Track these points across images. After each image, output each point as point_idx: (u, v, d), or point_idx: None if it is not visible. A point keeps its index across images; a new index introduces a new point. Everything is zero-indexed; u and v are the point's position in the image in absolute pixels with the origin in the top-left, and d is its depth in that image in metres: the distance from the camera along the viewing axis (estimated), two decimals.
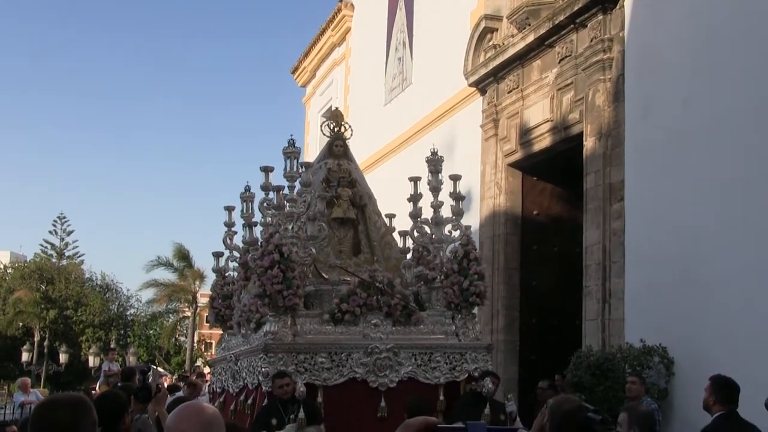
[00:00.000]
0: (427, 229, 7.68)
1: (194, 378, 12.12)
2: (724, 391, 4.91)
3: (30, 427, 2.36)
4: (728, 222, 7.67)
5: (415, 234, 7.77)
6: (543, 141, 10.92)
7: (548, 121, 10.70)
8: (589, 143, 9.70)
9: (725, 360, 6.90)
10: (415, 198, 7.88)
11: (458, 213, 7.52)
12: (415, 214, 7.83)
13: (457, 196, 7.53)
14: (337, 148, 7.91)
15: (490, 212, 11.93)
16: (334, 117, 8.09)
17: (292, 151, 7.02)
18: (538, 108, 10.96)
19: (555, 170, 11.38)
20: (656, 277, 8.44)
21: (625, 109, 9.23)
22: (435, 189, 7.60)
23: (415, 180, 7.91)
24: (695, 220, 8.05)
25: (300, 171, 7.11)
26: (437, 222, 7.57)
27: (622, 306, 8.90)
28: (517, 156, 11.54)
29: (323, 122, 8.15)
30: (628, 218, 9.00)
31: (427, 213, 7.75)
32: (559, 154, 10.82)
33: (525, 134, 11.23)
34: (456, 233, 7.45)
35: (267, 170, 7.26)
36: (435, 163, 7.63)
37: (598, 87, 9.58)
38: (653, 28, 9.01)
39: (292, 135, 7.10)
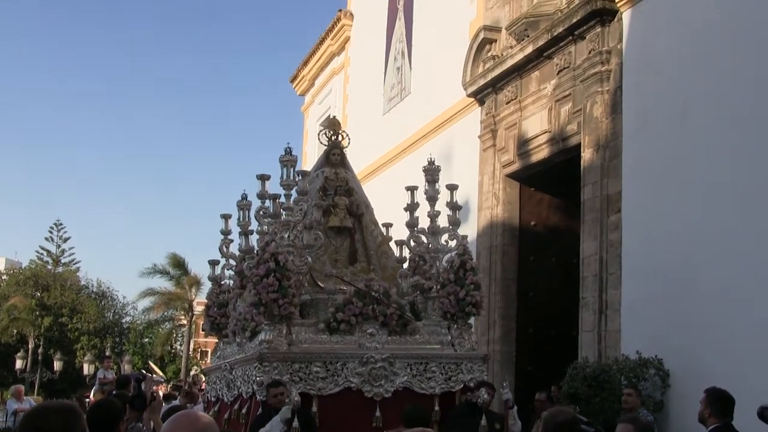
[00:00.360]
0: (424, 239, 7.67)
1: (187, 386, 12.07)
2: (719, 403, 4.92)
3: None
4: (725, 234, 7.67)
5: (412, 243, 7.75)
6: (541, 152, 10.93)
7: (546, 132, 10.72)
8: (586, 154, 9.72)
9: (721, 372, 6.90)
10: (411, 207, 7.86)
11: (455, 222, 7.51)
12: (412, 224, 7.81)
13: (453, 206, 7.51)
14: (334, 156, 7.91)
15: (487, 222, 11.93)
16: (332, 125, 8.10)
17: (288, 160, 7.00)
18: (536, 119, 10.98)
19: (553, 181, 11.39)
20: (653, 289, 8.44)
21: (622, 120, 9.25)
22: (431, 198, 7.58)
23: (411, 189, 7.90)
24: (692, 232, 8.06)
25: (297, 179, 7.11)
26: (434, 231, 7.56)
27: (619, 318, 8.88)
28: (515, 166, 11.55)
29: (320, 131, 8.15)
30: (625, 230, 9.00)
31: (424, 222, 7.74)
32: (557, 165, 10.83)
33: (523, 145, 11.25)
34: (452, 243, 7.43)
35: (264, 178, 7.25)
36: (431, 172, 7.62)
37: (596, 99, 9.61)
38: (651, 40, 9.04)
39: (288, 143, 7.09)
